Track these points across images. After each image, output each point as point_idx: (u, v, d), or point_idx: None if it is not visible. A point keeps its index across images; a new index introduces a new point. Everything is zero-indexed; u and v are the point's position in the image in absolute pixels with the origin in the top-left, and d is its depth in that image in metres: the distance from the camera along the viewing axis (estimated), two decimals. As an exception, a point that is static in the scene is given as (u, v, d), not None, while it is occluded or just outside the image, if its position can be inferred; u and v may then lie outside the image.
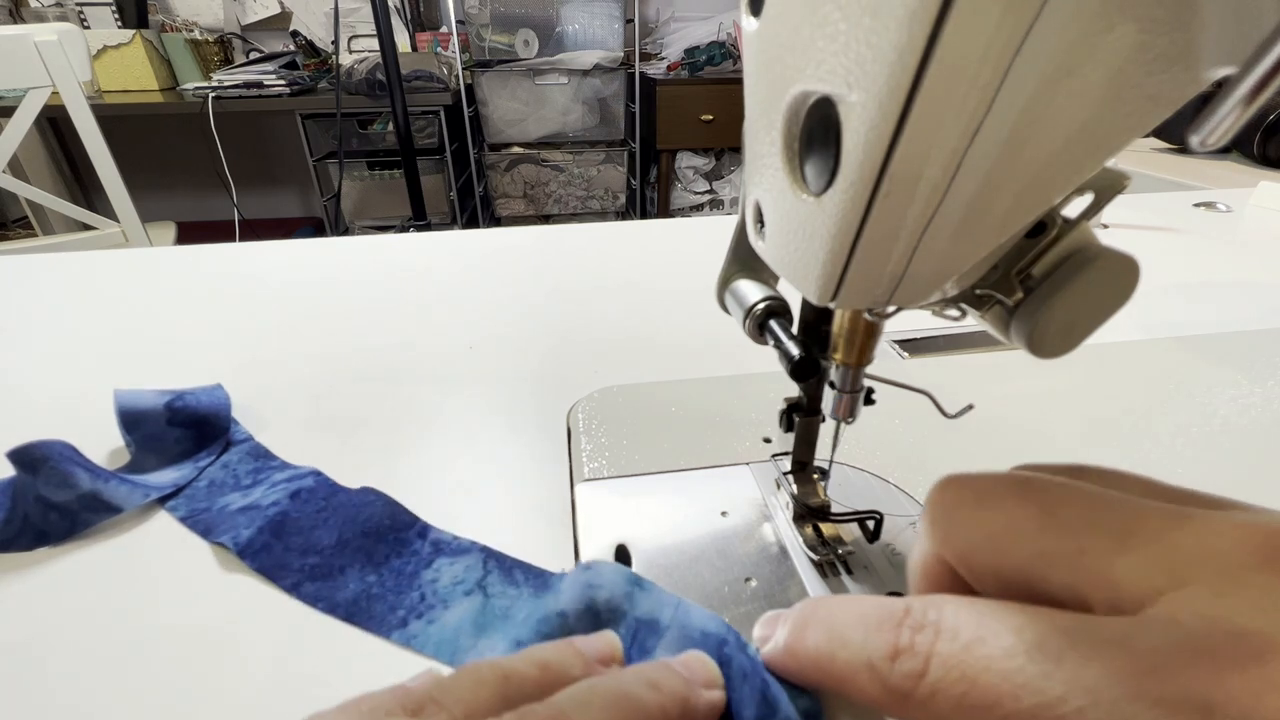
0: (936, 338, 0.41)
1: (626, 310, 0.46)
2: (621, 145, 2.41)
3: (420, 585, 0.23)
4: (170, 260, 0.56)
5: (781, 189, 0.16)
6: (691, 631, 0.19)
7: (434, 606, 0.23)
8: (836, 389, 0.21)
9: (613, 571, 0.21)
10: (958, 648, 0.13)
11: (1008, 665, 0.12)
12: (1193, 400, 0.33)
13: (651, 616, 0.20)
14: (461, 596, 0.23)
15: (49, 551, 0.25)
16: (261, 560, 0.24)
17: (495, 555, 0.25)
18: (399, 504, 0.26)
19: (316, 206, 2.48)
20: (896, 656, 0.13)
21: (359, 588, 0.23)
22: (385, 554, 0.24)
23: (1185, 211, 0.67)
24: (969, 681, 0.12)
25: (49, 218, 1.90)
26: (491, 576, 0.24)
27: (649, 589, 0.20)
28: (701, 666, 0.18)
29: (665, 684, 0.16)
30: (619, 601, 0.20)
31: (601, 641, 0.19)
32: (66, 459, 0.25)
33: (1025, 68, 0.11)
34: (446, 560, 0.24)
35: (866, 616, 0.15)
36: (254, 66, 2.10)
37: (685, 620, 0.19)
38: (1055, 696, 0.11)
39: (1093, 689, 0.11)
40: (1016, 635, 0.12)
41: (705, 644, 0.19)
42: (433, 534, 0.26)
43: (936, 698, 0.13)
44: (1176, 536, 0.12)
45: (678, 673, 0.17)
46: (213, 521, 0.26)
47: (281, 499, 0.26)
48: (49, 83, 0.97)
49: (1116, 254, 0.16)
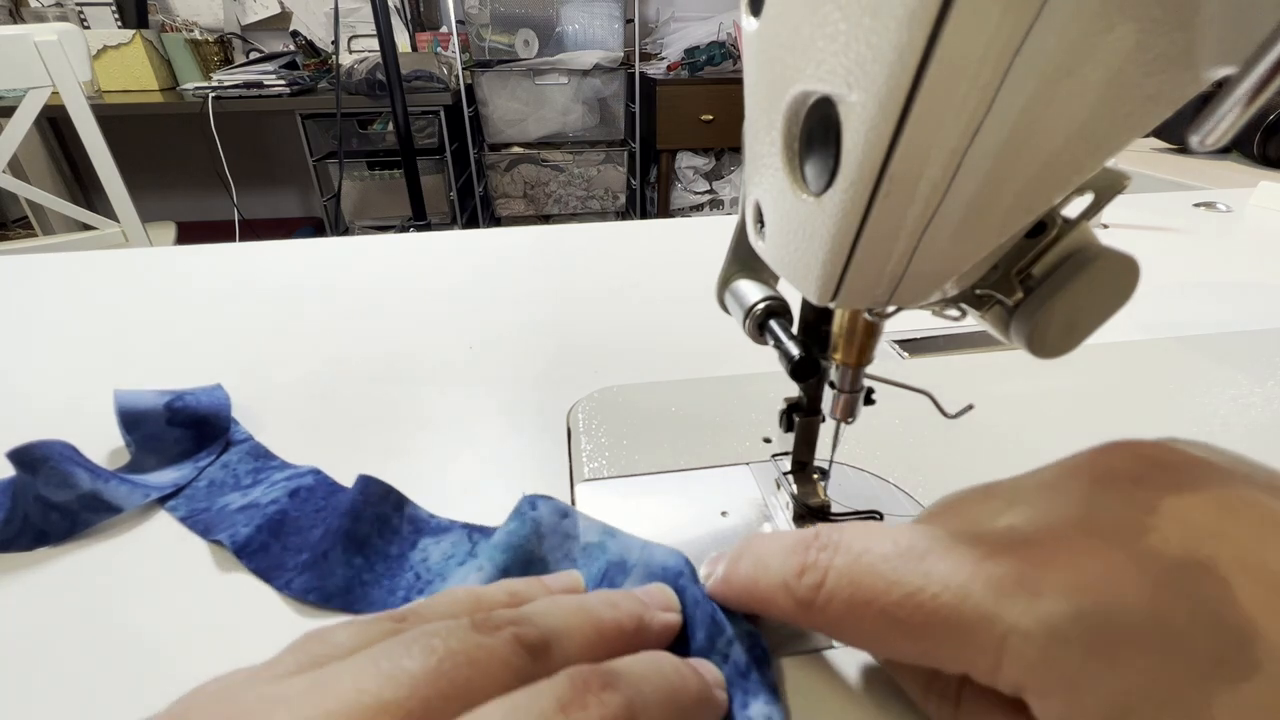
0: (936, 338, 0.41)
1: (626, 310, 0.46)
2: (621, 145, 2.41)
3: (411, 566, 0.24)
4: (170, 260, 0.56)
5: (781, 189, 0.16)
6: (654, 567, 0.21)
7: (432, 581, 0.23)
8: (836, 389, 0.21)
9: (586, 520, 0.23)
10: (849, 559, 0.16)
11: (884, 567, 0.15)
12: (1193, 400, 0.33)
13: (620, 558, 0.22)
14: (456, 568, 0.24)
15: (49, 551, 0.25)
16: (258, 561, 0.24)
17: (477, 529, 0.25)
18: (373, 477, 0.26)
19: (316, 206, 2.48)
20: (803, 573, 0.16)
21: (347, 573, 0.23)
22: (365, 533, 0.24)
23: (1185, 211, 0.67)
24: (855, 584, 0.15)
25: (49, 218, 1.90)
26: (479, 545, 0.24)
27: (618, 535, 0.23)
28: (660, 593, 0.20)
29: (622, 604, 0.18)
30: (592, 548, 0.22)
31: (567, 578, 0.21)
32: (66, 459, 0.25)
33: (1025, 68, 0.11)
34: (430, 540, 0.25)
35: (785, 545, 0.18)
36: (254, 66, 2.10)
37: (649, 558, 0.21)
38: (916, 586, 0.14)
39: (944, 577, 0.14)
40: (893, 544, 0.15)
41: (665, 577, 0.21)
42: (409, 509, 0.26)
43: (832, 602, 0.16)
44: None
45: (636, 597, 0.19)
46: (212, 521, 0.26)
47: (281, 497, 0.26)
48: (49, 83, 0.97)
49: (1116, 254, 0.16)
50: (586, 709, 0.13)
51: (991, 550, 0.14)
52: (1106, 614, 0.12)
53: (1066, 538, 0.14)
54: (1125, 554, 0.13)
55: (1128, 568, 0.13)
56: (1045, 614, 0.13)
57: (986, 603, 0.13)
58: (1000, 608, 0.13)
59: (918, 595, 0.14)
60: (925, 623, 0.14)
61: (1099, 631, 0.12)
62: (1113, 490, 0.14)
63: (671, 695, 0.15)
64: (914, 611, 0.14)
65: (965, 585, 0.14)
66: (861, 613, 0.15)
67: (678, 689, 0.16)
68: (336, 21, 1.81)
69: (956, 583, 0.14)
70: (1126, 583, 0.13)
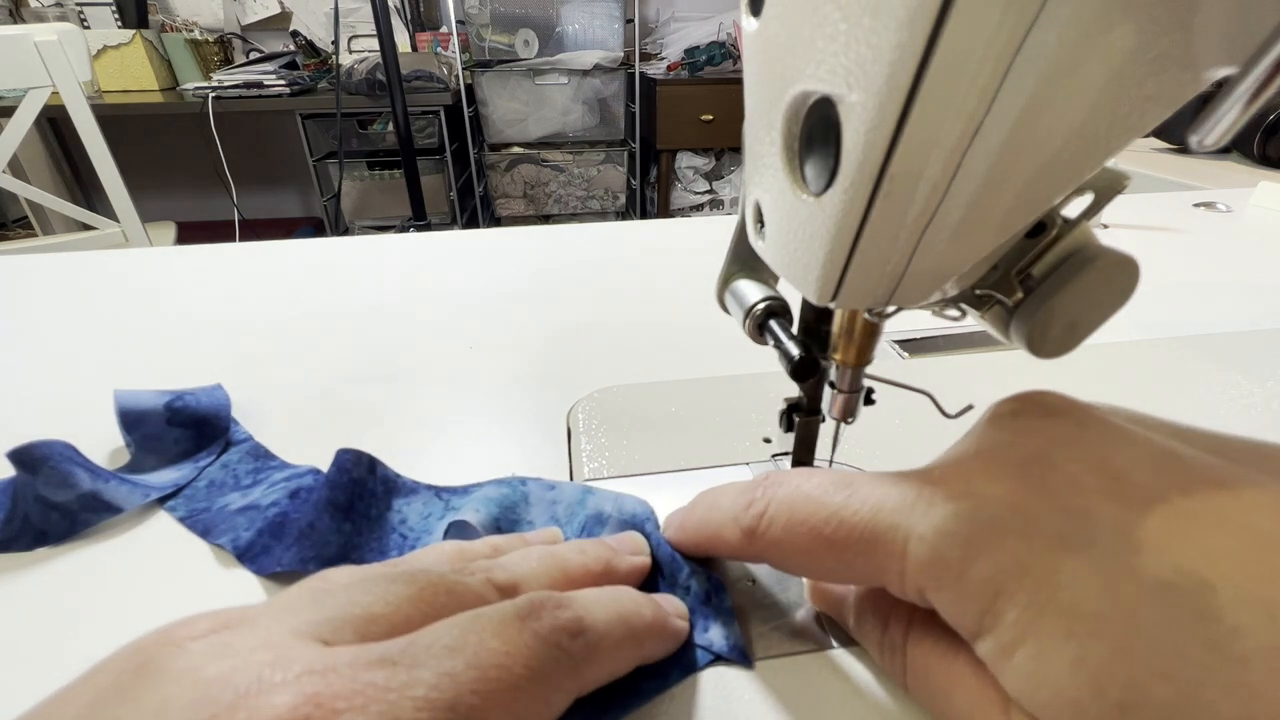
0: (936, 338, 0.41)
1: (626, 310, 0.46)
2: (621, 145, 2.41)
3: (393, 528, 0.25)
4: (170, 260, 0.56)
5: (781, 189, 0.16)
6: (625, 516, 0.23)
7: (420, 538, 0.25)
8: (836, 389, 0.21)
9: (569, 486, 0.26)
10: (789, 490, 0.18)
11: (817, 492, 0.17)
12: (1193, 400, 0.33)
13: (598, 510, 0.24)
14: (436, 522, 0.25)
15: (49, 551, 0.25)
16: (261, 563, 0.24)
17: (444, 489, 0.27)
18: (347, 448, 0.26)
19: (316, 206, 2.48)
20: (749, 505, 0.19)
21: (340, 540, 0.24)
22: (346, 500, 0.25)
23: (1185, 211, 0.67)
24: (791, 508, 0.18)
25: (49, 218, 1.90)
26: (452, 501, 0.26)
27: (595, 491, 0.25)
28: (630, 539, 0.22)
29: (590, 550, 0.20)
30: (573, 506, 0.25)
31: (546, 533, 0.23)
32: (66, 459, 0.25)
33: (1025, 68, 0.11)
34: (402, 500, 0.26)
35: (735, 489, 0.20)
36: (254, 66, 2.10)
37: (621, 508, 0.24)
38: (840, 504, 0.17)
39: (863, 498, 0.16)
40: (828, 477, 0.18)
41: (634, 524, 0.23)
42: (380, 469, 0.26)
43: (772, 526, 0.18)
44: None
45: (605, 544, 0.21)
46: (212, 522, 0.26)
47: (281, 499, 0.26)
48: (49, 83, 0.97)
49: (1116, 254, 0.16)
50: (540, 619, 0.15)
51: (904, 478, 0.17)
52: (980, 512, 0.15)
53: (961, 463, 0.17)
54: (998, 464, 0.16)
55: (999, 474, 0.15)
56: (936, 519, 0.15)
57: (894, 516, 0.16)
58: (903, 518, 0.16)
59: (841, 512, 0.17)
60: (846, 537, 0.16)
61: (975, 525, 0.15)
62: (998, 424, 0.17)
63: (623, 618, 0.17)
64: (837, 527, 0.16)
65: (879, 502, 0.16)
66: (796, 532, 0.17)
67: (631, 613, 0.18)
68: (336, 21, 1.81)
69: (872, 501, 0.16)
70: (997, 486, 0.15)
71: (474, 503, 0.25)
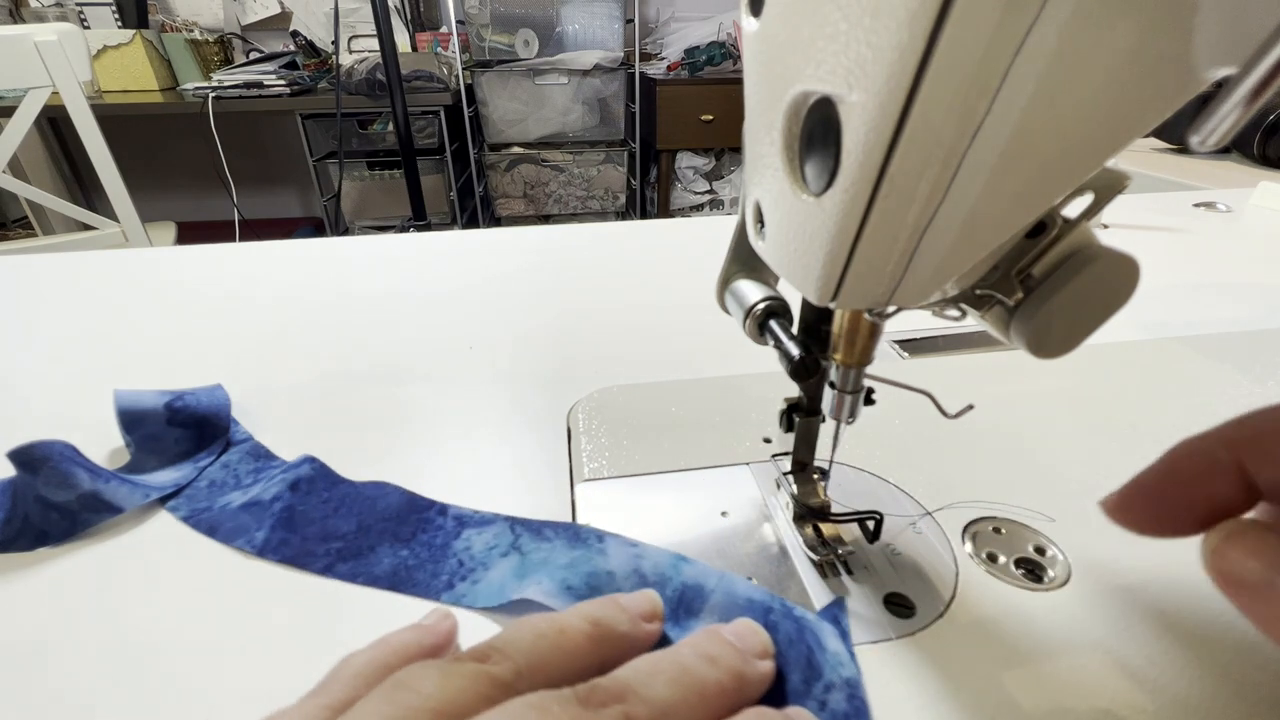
0: (936, 338, 0.41)
1: (626, 310, 0.46)
2: (621, 145, 2.41)
3: (454, 554, 0.24)
4: (170, 260, 0.56)
5: (781, 189, 0.16)
6: (737, 598, 0.20)
7: (474, 569, 0.23)
8: (836, 389, 0.21)
9: (656, 549, 0.23)
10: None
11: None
12: (1193, 400, 0.33)
13: (697, 583, 0.21)
14: (499, 559, 0.24)
15: (49, 551, 0.25)
16: (283, 553, 0.24)
17: (521, 521, 0.25)
18: (413, 492, 0.27)
19: (316, 206, 2.48)
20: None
21: (393, 562, 0.24)
22: (411, 531, 0.25)
23: (1185, 211, 0.67)
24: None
25: (49, 218, 1.90)
26: (523, 539, 0.24)
27: (693, 562, 0.22)
28: (753, 635, 0.19)
29: (722, 658, 0.18)
30: (664, 569, 0.22)
31: (644, 599, 0.20)
32: (67, 459, 0.25)
33: (1025, 68, 0.11)
34: (474, 531, 0.25)
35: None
36: (254, 66, 2.09)
37: (730, 588, 0.21)
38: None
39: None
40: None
41: (751, 610, 0.20)
42: (453, 510, 0.26)
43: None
44: None
45: (731, 644, 0.18)
46: (216, 520, 0.26)
47: (282, 492, 0.27)
48: (49, 83, 0.97)
49: (1116, 254, 0.16)
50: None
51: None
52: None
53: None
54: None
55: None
56: None
57: None
58: None
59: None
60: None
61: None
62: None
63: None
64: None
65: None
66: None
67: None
68: (336, 21, 1.81)
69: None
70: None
71: (546, 572, 0.22)
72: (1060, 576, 0.23)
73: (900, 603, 0.22)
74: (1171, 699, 0.19)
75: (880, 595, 0.22)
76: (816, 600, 0.22)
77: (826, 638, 0.20)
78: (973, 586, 0.23)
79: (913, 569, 0.23)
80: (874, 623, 0.21)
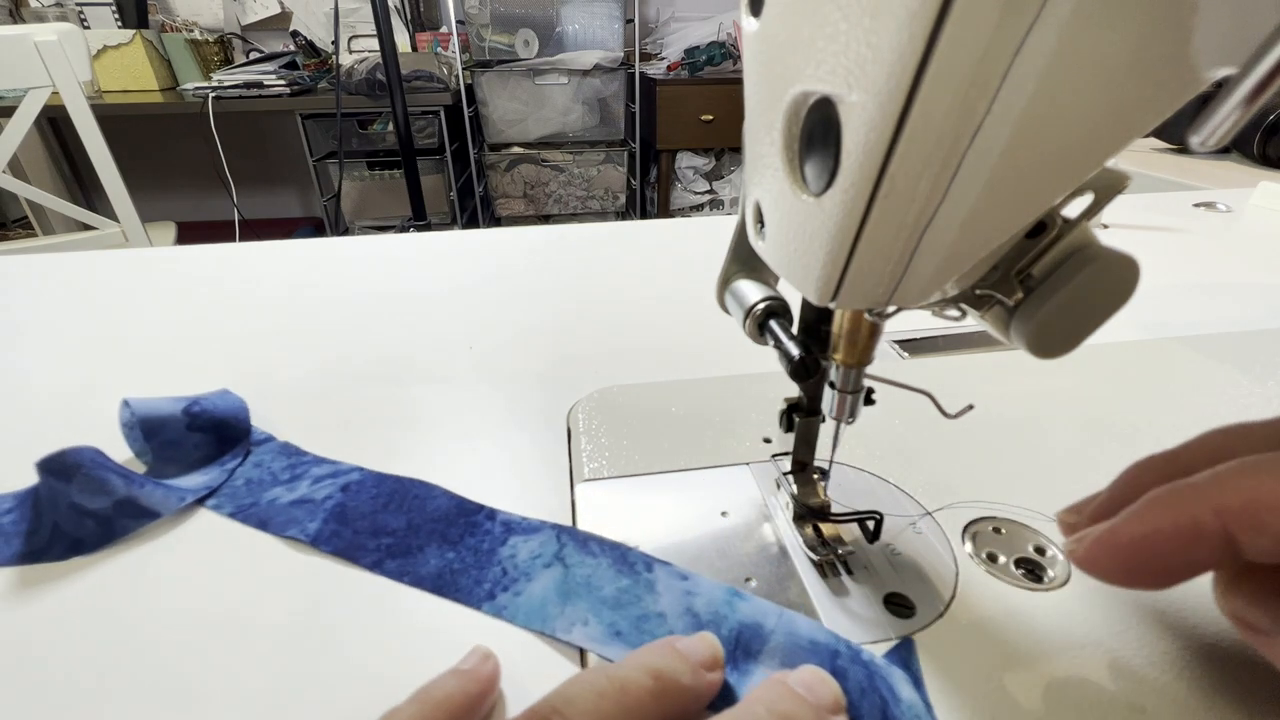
0: (936, 338, 0.41)
1: (626, 310, 0.46)
2: (621, 145, 2.41)
3: (499, 560, 0.24)
4: (170, 260, 0.56)
5: (781, 189, 0.16)
6: (800, 640, 0.19)
7: (517, 579, 0.23)
8: (836, 389, 0.21)
9: (710, 583, 0.22)
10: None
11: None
12: (1193, 400, 0.33)
13: (754, 621, 0.20)
14: (541, 569, 0.24)
15: (82, 561, 0.24)
16: (335, 544, 0.25)
17: (567, 530, 0.25)
18: (461, 495, 0.27)
19: (316, 206, 2.48)
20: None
21: (440, 563, 0.24)
22: (459, 534, 0.25)
23: (1185, 211, 0.67)
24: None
25: (49, 218, 1.90)
26: (567, 549, 0.24)
27: (748, 598, 0.21)
28: (823, 686, 0.18)
29: (798, 716, 0.16)
30: (718, 605, 0.21)
31: (703, 645, 0.19)
32: (99, 465, 0.25)
33: (1025, 68, 0.11)
34: (520, 538, 0.25)
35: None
36: (254, 66, 2.10)
37: (791, 628, 0.20)
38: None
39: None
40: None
41: (816, 654, 0.19)
42: (501, 515, 0.26)
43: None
44: None
45: (804, 699, 0.17)
46: (265, 515, 0.26)
47: (334, 493, 0.27)
48: (49, 83, 0.97)
49: (1116, 254, 0.16)
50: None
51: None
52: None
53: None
54: None
55: None
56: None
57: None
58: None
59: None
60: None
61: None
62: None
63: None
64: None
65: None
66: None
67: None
68: (336, 21, 1.81)
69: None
70: None
71: (590, 605, 0.22)
72: (1060, 576, 0.23)
73: (900, 603, 0.22)
74: (1171, 699, 0.19)
75: (880, 595, 0.22)
76: (817, 600, 0.22)
77: (899, 685, 0.18)
78: (973, 586, 0.23)
79: (913, 569, 0.23)
80: (874, 623, 0.21)
